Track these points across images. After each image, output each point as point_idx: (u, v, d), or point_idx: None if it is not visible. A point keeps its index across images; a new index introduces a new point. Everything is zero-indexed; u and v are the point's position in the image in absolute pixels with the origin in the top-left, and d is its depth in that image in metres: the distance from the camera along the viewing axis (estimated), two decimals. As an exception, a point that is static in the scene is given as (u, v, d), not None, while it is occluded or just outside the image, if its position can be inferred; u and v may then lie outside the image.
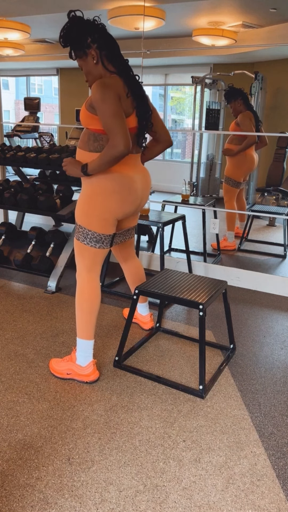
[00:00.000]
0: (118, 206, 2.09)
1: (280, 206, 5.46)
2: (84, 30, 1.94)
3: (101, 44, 1.95)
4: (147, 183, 2.24)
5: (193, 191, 6.56)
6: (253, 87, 5.65)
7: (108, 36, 1.99)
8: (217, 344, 2.68)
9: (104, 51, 1.97)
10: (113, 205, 2.07)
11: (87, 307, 2.17)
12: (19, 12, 4.83)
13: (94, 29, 1.95)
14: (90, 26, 1.95)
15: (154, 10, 4.31)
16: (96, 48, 1.96)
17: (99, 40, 1.95)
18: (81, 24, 1.94)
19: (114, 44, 2.01)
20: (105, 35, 1.97)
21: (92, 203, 2.07)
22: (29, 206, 3.44)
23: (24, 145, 7.82)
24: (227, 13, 4.50)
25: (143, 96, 2.05)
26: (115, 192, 2.05)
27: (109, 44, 1.98)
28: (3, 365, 2.37)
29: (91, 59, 1.98)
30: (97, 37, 1.95)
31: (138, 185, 2.14)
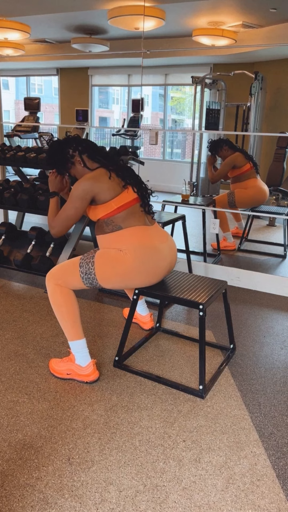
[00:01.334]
0: (141, 282, 2.19)
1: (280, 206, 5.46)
2: (63, 147, 2.23)
3: (80, 149, 2.22)
4: (174, 251, 2.32)
5: (193, 191, 6.56)
6: (253, 87, 5.65)
7: (84, 141, 2.26)
8: (217, 344, 2.68)
9: (85, 154, 2.22)
10: (136, 280, 2.17)
11: (66, 309, 2.18)
12: (19, 12, 4.83)
13: (71, 142, 2.24)
14: (67, 142, 2.25)
15: (154, 10, 4.31)
16: (78, 154, 2.22)
17: (78, 147, 2.23)
18: (59, 145, 2.24)
19: (91, 144, 2.27)
20: (82, 142, 2.25)
21: (119, 265, 2.12)
22: (29, 206, 3.44)
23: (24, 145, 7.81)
24: (227, 13, 4.50)
25: (132, 173, 2.26)
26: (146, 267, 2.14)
27: (87, 146, 2.24)
28: (3, 365, 2.37)
29: (78, 164, 2.23)
30: (75, 145, 2.23)
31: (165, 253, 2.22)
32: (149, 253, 2.13)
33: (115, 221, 2.14)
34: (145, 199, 2.24)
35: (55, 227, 2.22)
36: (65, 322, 2.18)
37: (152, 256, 2.14)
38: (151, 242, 2.16)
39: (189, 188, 4.07)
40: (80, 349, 2.21)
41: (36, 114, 8.03)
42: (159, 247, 2.18)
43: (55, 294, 2.18)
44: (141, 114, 6.84)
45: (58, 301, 2.18)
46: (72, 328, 2.19)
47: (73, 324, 2.19)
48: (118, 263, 2.11)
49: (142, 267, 2.12)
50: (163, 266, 2.20)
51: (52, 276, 2.20)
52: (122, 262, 2.11)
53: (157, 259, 2.16)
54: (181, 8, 4.44)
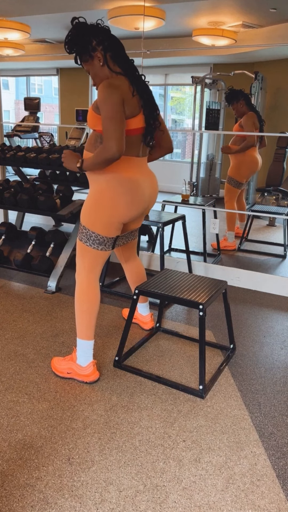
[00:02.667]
0: (125, 210, 2.09)
1: (280, 206, 5.47)
2: (89, 34, 1.96)
3: (106, 46, 1.97)
4: (154, 187, 2.25)
5: (193, 191, 6.56)
6: (253, 87, 5.65)
7: (113, 38, 2.00)
8: (217, 344, 2.68)
9: (109, 53, 1.98)
10: (120, 209, 2.08)
11: (87, 308, 2.18)
12: (19, 12, 4.83)
13: (98, 32, 1.97)
14: (94, 29, 1.97)
15: (154, 10, 4.31)
16: (101, 50, 1.97)
17: (104, 42, 1.97)
18: (85, 28, 1.96)
19: (119, 45, 2.02)
20: (110, 37, 1.99)
21: (99, 206, 2.07)
22: (29, 206, 3.44)
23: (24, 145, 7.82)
24: (227, 13, 4.50)
25: (150, 95, 2.06)
26: (122, 195, 2.06)
27: (114, 45, 1.99)
28: (3, 365, 2.37)
29: (97, 61, 1.99)
30: (102, 39, 1.97)
31: (145, 189, 2.14)
32: (125, 184, 2.05)
33: None
34: (150, 129, 2.07)
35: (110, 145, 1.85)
36: (82, 319, 2.19)
37: (127, 186, 2.05)
38: (131, 173, 2.07)
39: (189, 188, 4.07)
40: (86, 349, 2.21)
41: (36, 114, 8.03)
42: (138, 179, 2.09)
43: (82, 288, 2.18)
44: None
45: (83, 296, 2.18)
46: (86, 327, 2.19)
47: (88, 324, 2.19)
48: (96, 207, 2.07)
49: (117, 198, 2.05)
50: (140, 197, 2.11)
51: (80, 270, 2.19)
52: (99, 203, 2.06)
53: (133, 191, 2.08)
54: (181, 8, 4.44)
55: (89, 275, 2.19)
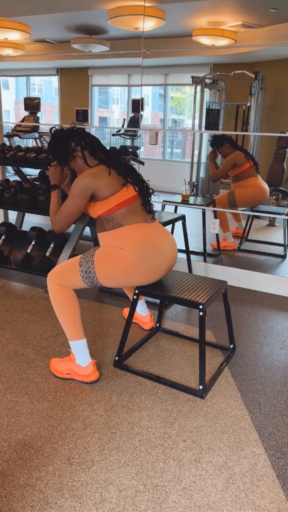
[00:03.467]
0: (142, 280, 2.17)
1: (280, 206, 5.46)
2: (67, 139, 2.21)
3: (83, 145, 2.20)
4: (173, 245, 2.30)
5: (193, 191, 6.56)
6: (253, 87, 5.65)
7: (87, 136, 2.24)
8: (217, 344, 2.68)
9: (86, 150, 2.21)
10: (137, 278, 2.15)
11: (67, 309, 2.18)
12: (19, 12, 4.83)
13: (74, 135, 2.22)
14: (71, 134, 2.23)
15: (154, 10, 4.31)
16: (80, 149, 2.20)
17: (80, 141, 2.21)
18: (63, 136, 2.23)
19: (93, 140, 2.24)
20: (84, 136, 2.23)
21: (119, 263, 2.11)
22: (29, 206, 3.44)
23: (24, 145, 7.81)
24: (227, 13, 4.50)
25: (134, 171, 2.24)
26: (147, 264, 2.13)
27: (89, 141, 2.22)
28: (3, 365, 2.37)
29: (79, 159, 2.22)
30: (78, 140, 2.21)
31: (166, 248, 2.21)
32: (150, 250, 2.13)
33: (116, 218, 2.13)
34: (145, 197, 2.23)
35: (57, 223, 2.23)
36: (66, 322, 2.18)
37: (152, 253, 2.13)
38: (152, 239, 2.16)
39: (189, 188, 4.06)
40: (80, 349, 2.21)
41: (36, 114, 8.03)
42: (160, 244, 2.18)
43: (56, 294, 2.18)
44: (141, 114, 6.84)
45: (59, 300, 2.18)
46: (72, 328, 2.19)
47: (73, 324, 2.19)
48: (118, 261, 2.11)
49: (142, 265, 2.12)
50: (163, 263, 2.20)
51: (53, 276, 2.20)
52: (121, 260, 2.11)
53: (158, 257, 2.16)
54: (181, 8, 4.44)
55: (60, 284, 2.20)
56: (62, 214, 2.20)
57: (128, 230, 2.13)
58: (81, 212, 2.18)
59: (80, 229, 3.43)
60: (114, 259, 2.12)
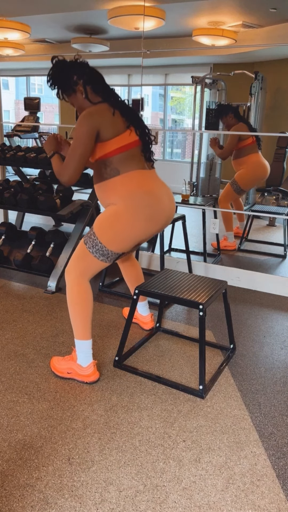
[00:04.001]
0: (145, 228, 2.11)
1: (280, 206, 5.46)
2: (69, 70, 2.08)
3: (85, 79, 2.08)
4: (171, 198, 2.24)
5: (193, 191, 6.56)
6: (253, 87, 5.65)
7: (91, 70, 2.12)
8: (217, 344, 2.68)
9: (89, 85, 2.09)
10: (138, 228, 2.09)
11: (80, 309, 2.17)
12: (19, 12, 4.83)
13: (77, 67, 2.09)
14: (74, 65, 2.09)
15: (154, 10, 4.31)
16: (82, 83, 2.08)
17: (83, 75, 2.08)
18: (64, 65, 2.09)
19: (98, 76, 2.13)
20: (88, 70, 2.11)
21: (116, 222, 2.07)
22: (29, 206, 3.44)
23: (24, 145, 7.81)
24: (227, 13, 4.50)
25: (134, 114, 2.14)
26: (142, 211, 2.07)
27: (93, 77, 2.11)
28: (3, 365, 2.37)
29: (80, 94, 2.11)
30: (81, 73, 2.08)
31: (164, 200, 2.15)
32: (145, 197, 2.06)
33: (114, 163, 2.05)
34: (146, 144, 2.14)
35: (66, 173, 2.03)
36: (77, 319, 2.18)
37: (148, 201, 2.07)
38: (148, 187, 2.09)
39: (189, 188, 4.06)
40: (85, 349, 2.21)
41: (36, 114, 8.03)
42: (156, 192, 2.11)
43: (72, 290, 2.17)
44: (141, 114, 6.84)
45: (74, 297, 2.17)
46: (82, 327, 2.19)
47: (83, 324, 2.19)
48: (115, 219, 2.06)
49: (138, 214, 2.06)
50: (160, 211, 2.13)
51: (71, 270, 2.18)
52: (118, 216, 2.06)
53: (154, 204, 2.09)
54: (181, 8, 4.44)
55: (80, 278, 2.18)
56: (70, 160, 2.01)
57: (125, 180, 2.06)
58: (89, 155, 2.03)
59: (80, 229, 3.43)
60: (112, 220, 2.07)
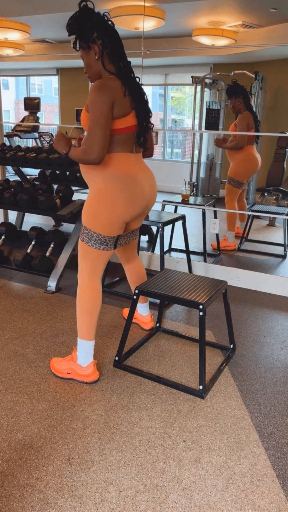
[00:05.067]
0: (125, 207, 2.09)
1: (280, 206, 5.46)
2: (92, 24, 1.94)
3: (105, 41, 1.96)
4: (153, 184, 2.24)
5: (193, 191, 6.56)
6: (253, 87, 5.65)
7: (114, 35, 2.00)
8: (217, 344, 2.68)
9: (107, 50, 1.98)
10: (120, 207, 2.08)
11: (88, 308, 2.17)
12: (19, 12, 4.83)
13: (102, 25, 1.96)
14: (99, 21, 1.96)
15: (154, 10, 4.31)
16: (100, 44, 1.97)
17: (105, 37, 1.96)
18: (90, 16, 1.95)
19: (118, 43, 2.02)
20: (112, 34, 1.98)
21: (99, 205, 2.07)
22: (29, 206, 3.44)
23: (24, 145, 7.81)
24: (227, 13, 4.50)
25: (142, 97, 2.07)
26: (121, 192, 2.06)
27: (114, 43, 1.99)
28: (3, 365, 2.37)
29: (93, 53, 1.99)
30: (103, 33, 1.96)
31: (144, 185, 2.14)
32: (126, 180, 2.06)
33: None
34: (143, 131, 2.09)
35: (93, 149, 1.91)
36: (83, 319, 2.19)
37: (128, 183, 2.07)
38: (129, 169, 2.08)
39: (189, 188, 4.06)
40: (87, 349, 2.21)
41: (36, 114, 8.03)
42: (137, 175, 2.11)
43: (82, 289, 2.18)
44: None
45: (85, 296, 2.18)
46: (87, 327, 2.19)
47: (89, 324, 2.19)
48: (96, 205, 2.07)
49: (118, 195, 2.05)
50: (140, 194, 2.12)
51: (82, 270, 2.19)
52: (99, 200, 2.06)
53: (134, 187, 2.09)
54: (181, 8, 4.44)
55: (91, 275, 2.19)
56: (93, 135, 1.90)
57: (109, 160, 2.03)
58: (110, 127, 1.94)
59: (80, 229, 3.43)
60: (94, 206, 2.08)
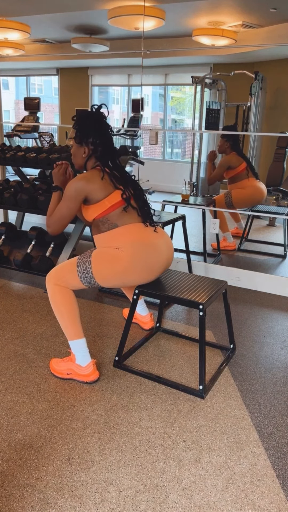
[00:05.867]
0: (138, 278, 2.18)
1: (280, 206, 5.46)
2: (93, 131, 2.17)
3: (96, 150, 2.18)
4: (171, 250, 2.30)
5: (193, 191, 6.56)
6: (253, 87, 5.65)
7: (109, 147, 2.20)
8: (217, 344, 2.68)
9: (95, 154, 2.19)
10: (133, 277, 2.16)
11: (65, 309, 2.18)
12: (19, 12, 4.83)
13: (100, 135, 2.17)
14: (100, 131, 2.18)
15: (154, 10, 4.31)
16: (91, 150, 2.19)
17: (98, 146, 2.18)
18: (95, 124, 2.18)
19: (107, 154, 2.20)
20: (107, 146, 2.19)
21: (115, 263, 2.12)
22: (29, 206, 3.44)
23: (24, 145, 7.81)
24: (227, 13, 4.50)
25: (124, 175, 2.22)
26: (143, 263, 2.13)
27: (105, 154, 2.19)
28: (3, 365, 2.37)
29: (82, 150, 2.21)
30: (99, 142, 2.17)
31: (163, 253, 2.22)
32: (146, 249, 2.14)
33: (110, 219, 2.15)
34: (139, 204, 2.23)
35: (50, 225, 2.22)
36: (65, 321, 2.19)
37: (149, 252, 2.14)
38: (147, 238, 2.16)
39: (189, 188, 4.06)
40: (80, 348, 2.21)
41: (36, 114, 8.02)
42: (156, 243, 2.18)
43: (54, 294, 2.19)
44: (141, 114, 6.84)
45: (58, 301, 2.18)
46: (71, 327, 2.19)
47: (72, 324, 2.19)
48: (114, 261, 2.12)
49: (139, 263, 2.13)
50: (160, 262, 2.20)
51: (52, 277, 2.20)
52: (118, 259, 2.11)
53: (154, 255, 2.16)
54: (181, 8, 4.44)
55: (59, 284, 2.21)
56: (55, 217, 2.19)
57: (124, 230, 2.15)
58: (73, 216, 2.18)
59: (80, 229, 3.43)
60: (111, 259, 2.12)
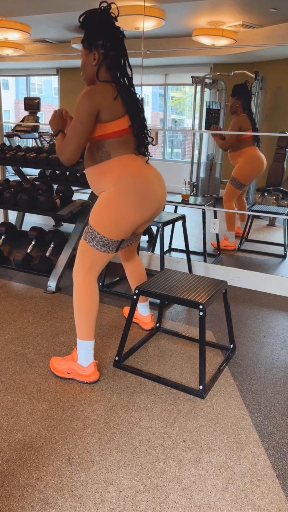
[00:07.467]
0: (137, 212, 2.08)
1: (280, 206, 5.46)
2: (102, 31, 1.95)
3: (108, 53, 1.98)
4: (163, 185, 2.22)
5: (193, 191, 6.56)
6: (253, 87, 5.65)
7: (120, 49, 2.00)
8: (217, 344, 2.68)
9: (107, 61, 2.00)
10: (131, 212, 2.06)
11: (86, 308, 2.17)
12: (19, 12, 4.83)
13: (111, 36, 1.96)
14: (110, 32, 1.96)
15: (154, 10, 4.31)
16: (102, 54, 1.98)
17: (109, 50, 1.98)
18: (104, 23, 1.96)
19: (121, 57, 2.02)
20: (117, 47, 1.99)
21: (109, 209, 2.05)
22: (29, 206, 3.44)
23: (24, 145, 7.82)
24: (227, 13, 4.50)
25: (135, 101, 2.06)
26: (133, 195, 2.04)
27: (117, 57, 2.00)
28: (3, 365, 2.37)
29: (92, 57, 2.01)
30: (109, 45, 1.97)
31: (156, 186, 2.13)
32: (136, 182, 2.04)
33: (106, 146, 2.02)
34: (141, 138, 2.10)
35: (65, 152, 2.00)
36: (81, 319, 2.18)
37: (139, 185, 2.05)
38: (138, 170, 2.07)
39: (189, 188, 4.06)
40: (87, 350, 2.21)
41: (36, 114, 8.03)
42: (147, 176, 2.09)
43: (79, 289, 2.17)
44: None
45: (80, 297, 2.17)
46: (86, 327, 2.18)
47: (87, 323, 2.18)
48: (107, 207, 2.05)
49: (130, 198, 2.04)
50: (153, 195, 2.11)
51: (78, 269, 2.17)
52: (111, 203, 2.04)
53: (145, 188, 2.07)
54: (181, 8, 4.43)
55: (88, 275, 2.17)
56: (69, 140, 1.98)
57: (115, 163, 2.04)
58: (89, 134, 1.99)
59: (80, 229, 3.43)
60: (105, 208, 2.06)
